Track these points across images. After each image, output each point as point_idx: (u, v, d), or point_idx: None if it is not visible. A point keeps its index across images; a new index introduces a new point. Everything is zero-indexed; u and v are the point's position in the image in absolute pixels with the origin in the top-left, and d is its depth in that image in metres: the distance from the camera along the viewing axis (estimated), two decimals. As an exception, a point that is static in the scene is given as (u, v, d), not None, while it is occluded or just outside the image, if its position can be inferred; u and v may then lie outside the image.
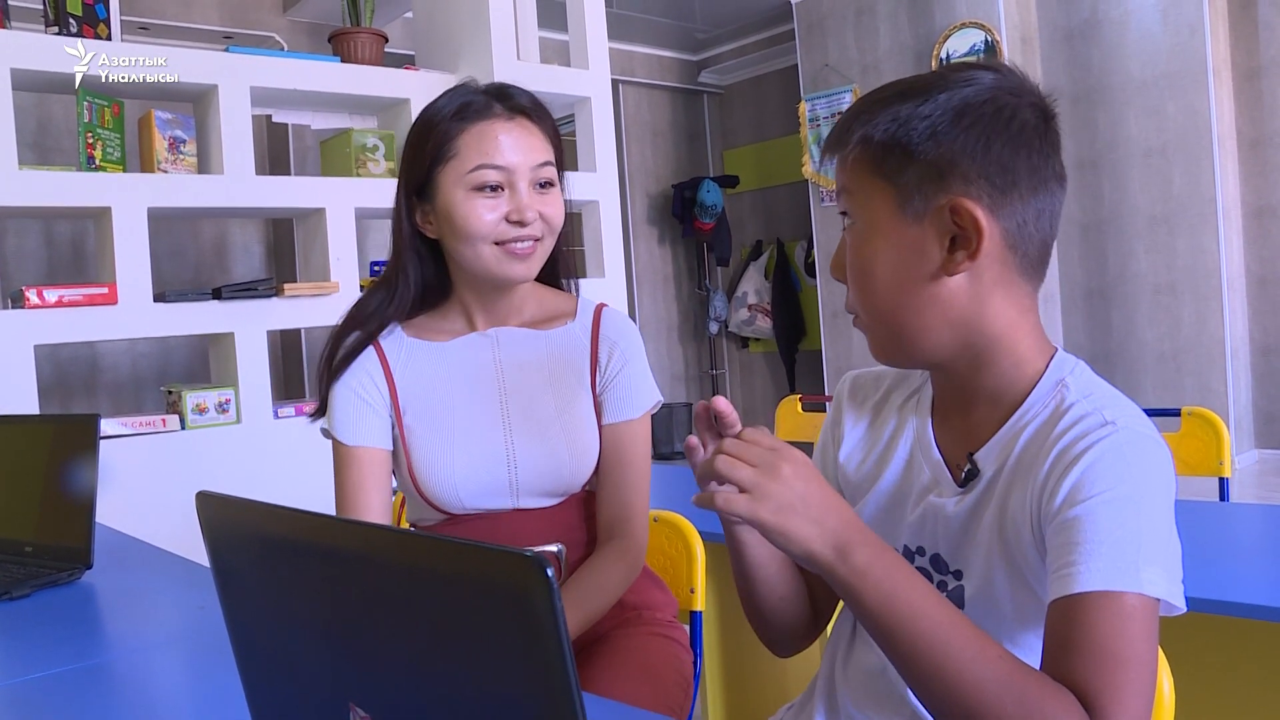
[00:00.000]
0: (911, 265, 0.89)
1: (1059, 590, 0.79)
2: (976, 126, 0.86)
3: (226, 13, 5.55)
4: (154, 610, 1.48)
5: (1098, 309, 5.73)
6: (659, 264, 7.72)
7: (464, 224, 1.33)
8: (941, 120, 0.86)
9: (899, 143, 0.88)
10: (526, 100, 1.37)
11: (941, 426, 0.98)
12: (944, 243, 0.88)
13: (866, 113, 0.90)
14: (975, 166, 0.86)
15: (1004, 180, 0.87)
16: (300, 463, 1.89)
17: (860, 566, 0.80)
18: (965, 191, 0.86)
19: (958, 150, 0.86)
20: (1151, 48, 5.35)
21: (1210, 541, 1.61)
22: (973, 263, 0.87)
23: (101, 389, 5.02)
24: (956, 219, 0.87)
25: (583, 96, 3.53)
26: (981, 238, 0.86)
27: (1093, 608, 0.77)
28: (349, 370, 1.41)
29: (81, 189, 2.71)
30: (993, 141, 0.86)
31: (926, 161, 0.87)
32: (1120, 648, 0.76)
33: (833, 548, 0.80)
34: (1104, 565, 0.78)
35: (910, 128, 0.87)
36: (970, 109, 0.87)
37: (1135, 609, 0.77)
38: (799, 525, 0.80)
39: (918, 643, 0.78)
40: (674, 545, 1.57)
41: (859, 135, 0.90)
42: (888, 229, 0.90)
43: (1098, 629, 0.76)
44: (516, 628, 0.51)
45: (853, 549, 0.80)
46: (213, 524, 0.68)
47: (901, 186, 0.88)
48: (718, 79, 7.95)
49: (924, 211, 0.88)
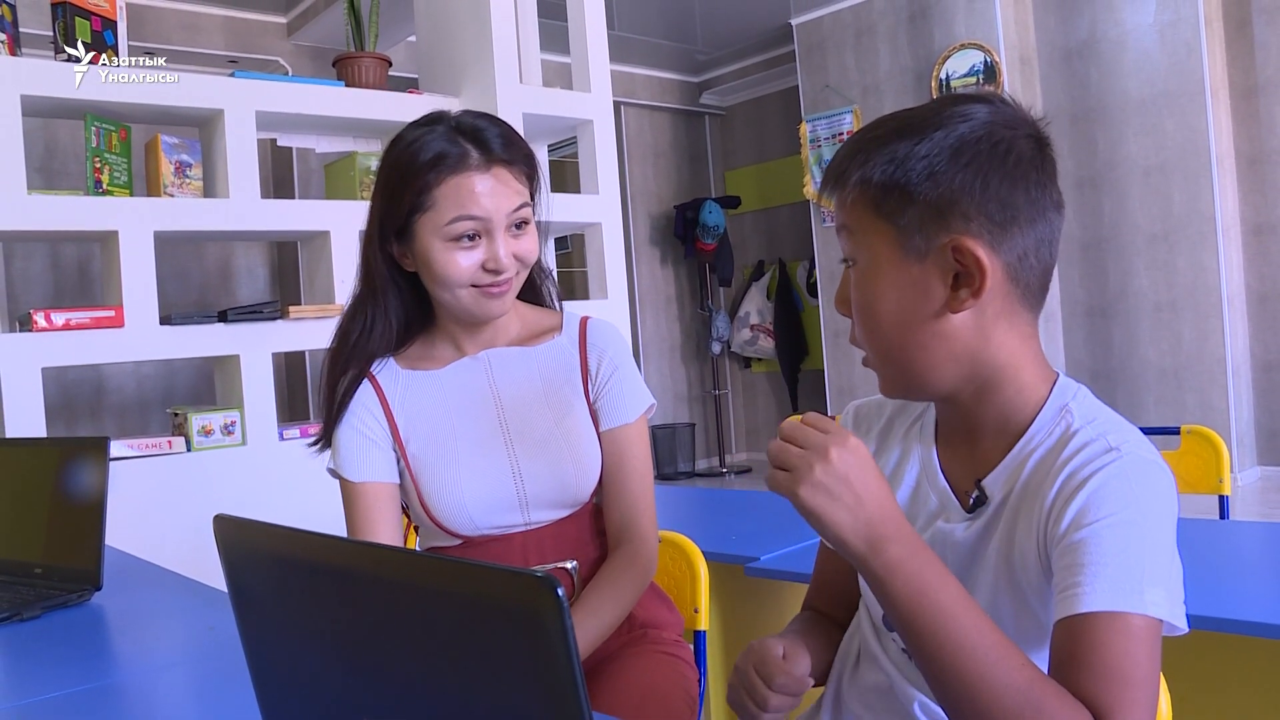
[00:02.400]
0: (916, 304, 0.90)
1: (1065, 610, 0.80)
2: (974, 164, 0.87)
3: (232, 38, 5.60)
4: (164, 631, 1.49)
5: (1099, 327, 5.74)
6: (661, 285, 7.74)
7: (442, 272, 1.35)
8: (939, 160, 0.87)
9: (897, 184, 0.88)
10: (500, 145, 1.36)
11: (946, 453, 1.00)
12: (947, 280, 0.88)
13: (863, 153, 0.91)
14: (975, 204, 0.87)
15: (1004, 215, 0.88)
16: (305, 484, 1.90)
17: (891, 562, 0.80)
18: (966, 230, 0.87)
19: (957, 189, 0.87)
20: (1149, 67, 5.38)
21: (1210, 559, 1.62)
22: (977, 300, 0.88)
23: (107, 411, 5.04)
24: (959, 258, 0.87)
25: (585, 119, 3.56)
26: (985, 276, 0.87)
27: (1100, 627, 0.78)
28: (349, 409, 1.43)
29: (89, 213, 2.73)
30: (990, 178, 0.87)
31: (926, 202, 0.87)
32: (1127, 667, 0.78)
33: (865, 539, 0.80)
34: (1109, 586, 0.79)
35: (908, 168, 0.88)
36: (967, 146, 0.87)
37: (1140, 629, 0.78)
38: (834, 510, 0.80)
39: (944, 644, 0.78)
40: (678, 565, 1.58)
41: (856, 177, 0.91)
42: (890, 268, 0.90)
43: (1106, 648, 0.78)
44: (528, 648, 0.52)
45: (886, 543, 0.80)
46: (229, 546, 0.69)
47: (902, 227, 0.89)
48: (719, 100, 7.99)
49: (926, 251, 0.88)
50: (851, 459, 0.81)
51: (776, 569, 1.79)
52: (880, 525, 0.81)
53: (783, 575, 1.78)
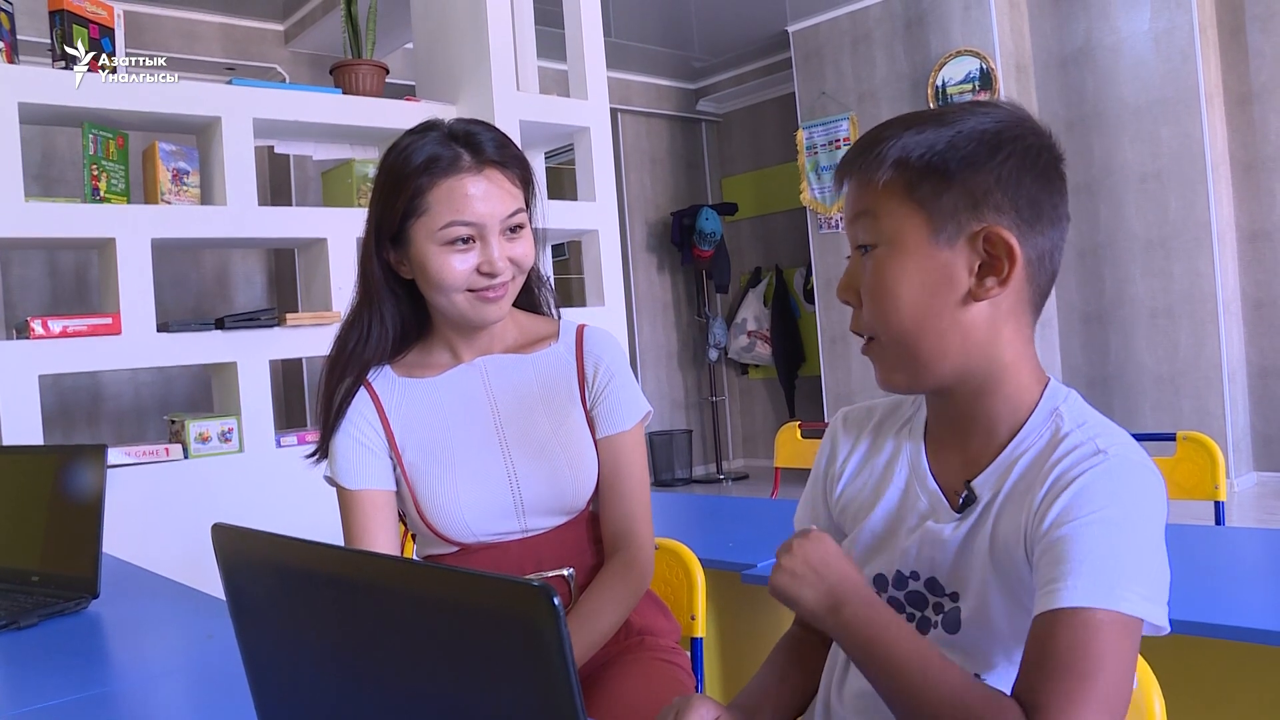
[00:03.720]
0: (939, 289, 0.91)
1: (1041, 606, 0.82)
2: (1013, 159, 0.89)
3: (229, 46, 5.61)
4: (161, 639, 1.49)
5: (1095, 333, 5.75)
6: (658, 291, 7.75)
7: (437, 276, 1.35)
8: (979, 150, 0.89)
9: (936, 168, 0.90)
10: (493, 148, 1.37)
11: (936, 453, 1.01)
12: (973, 269, 0.90)
13: (897, 137, 0.92)
14: (1009, 197, 0.89)
15: (1031, 213, 0.90)
16: (303, 491, 1.90)
17: (846, 619, 0.89)
18: (998, 220, 0.89)
19: (994, 180, 0.89)
20: (1145, 74, 5.40)
21: (1204, 565, 1.63)
22: (1003, 289, 0.90)
23: (104, 418, 5.04)
24: (989, 246, 0.89)
25: (582, 126, 3.56)
26: (1015, 265, 0.89)
27: (1065, 623, 0.80)
28: (345, 417, 1.43)
29: (86, 220, 2.74)
30: (1025, 174, 0.90)
31: (964, 188, 0.89)
32: (1079, 661, 0.78)
33: (827, 605, 0.90)
34: (1084, 583, 0.80)
35: (948, 155, 0.89)
36: (1005, 141, 0.90)
37: (1105, 624, 0.79)
38: (802, 589, 0.91)
39: (893, 674, 0.86)
40: (675, 573, 1.59)
41: (894, 158, 0.91)
42: (917, 252, 0.91)
43: (1063, 642, 0.79)
44: (524, 656, 0.52)
45: (844, 604, 0.89)
46: (228, 555, 0.70)
47: (935, 211, 0.90)
48: (716, 107, 8.01)
49: (956, 237, 0.90)
50: (810, 545, 0.92)
51: (773, 576, 1.79)
52: (839, 589, 0.90)
53: (779, 582, 1.78)
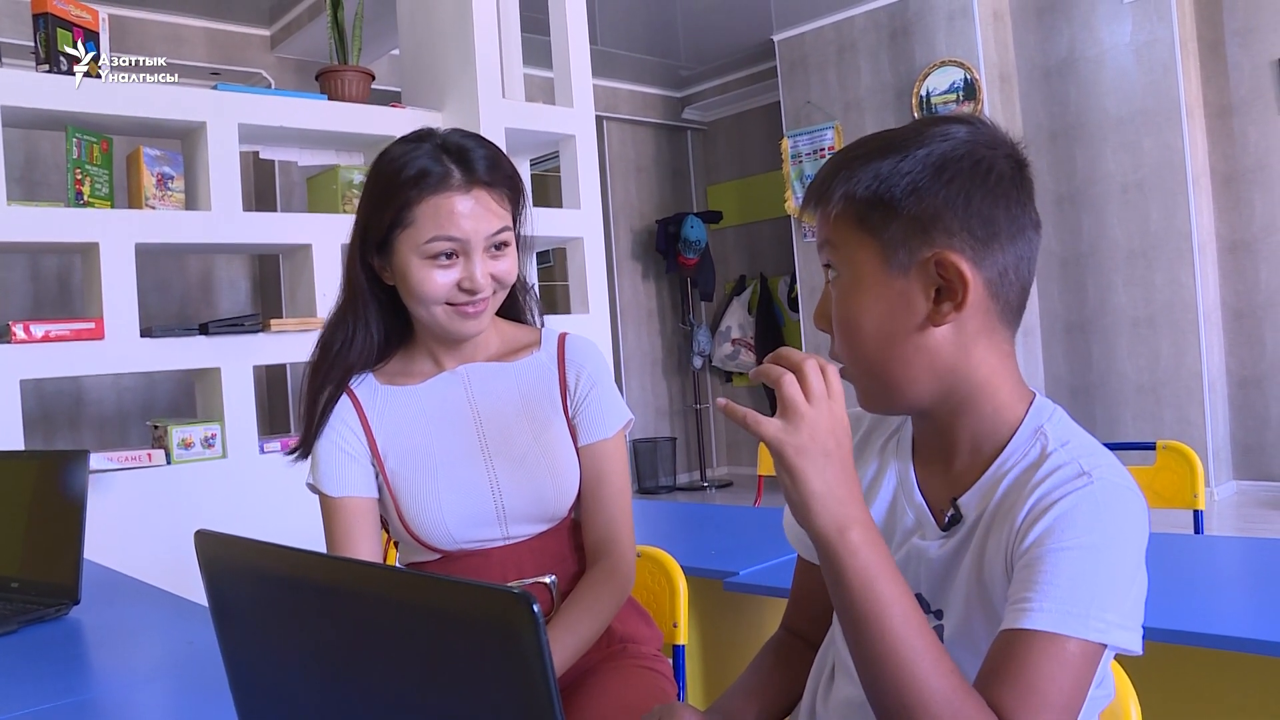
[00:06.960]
0: (898, 317, 0.91)
1: (1009, 623, 0.82)
2: (957, 180, 0.89)
3: (215, 50, 5.60)
4: (142, 646, 1.48)
5: (1077, 342, 5.78)
6: (643, 299, 7.75)
7: (418, 288, 1.36)
8: (922, 176, 0.89)
9: (881, 199, 0.90)
10: (485, 168, 1.37)
11: (923, 469, 1.01)
12: (929, 294, 0.90)
13: (846, 168, 0.92)
14: (958, 219, 0.89)
15: (985, 231, 0.89)
16: (286, 497, 1.90)
17: (853, 544, 0.82)
18: (949, 244, 0.89)
19: (940, 204, 0.89)
20: (1127, 86, 5.45)
21: (1183, 574, 1.64)
22: (959, 314, 0.90)
23: (86, 423, 5.01)
24: (941, 271, 0.89)
25: (567, 134, 3.57)
26: (967, 289, 0.89)
27: (1034, 646, 0.80)
28: (328, 424, 1.44)
29: (69, 224, 2.73)
30: (973, 194, 0.89)
31: (910, 216, 0.89)
32: (1048, 689, 0.79)
33: (834, 517, 0.83)
34: (1055, 607, 0.80)
35: (892, 184, 0.89)
36: (950, 163, 0.89)
37: (1074, 655, 0.80)
38: (812, 478, 0.83)
39: (885, 633, 0.80)
40: (657, 580, 1.59)
41: (841, 192, 0.92)
42: (873, 282, 0.92)
43: (1034, 667, 0.79)
44: (504, 663, 0.53)
45: (851, 525, 0.82)
46: (211, 562, 0.70)
47: (886, 241, 0.90)
48: (701, 115, 8.03)
49: (909, 264, 0.90)
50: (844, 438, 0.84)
51: (755, 584, 1.79)
52: (849, 507, 0.83)
53: (761, 590, 1.79)
